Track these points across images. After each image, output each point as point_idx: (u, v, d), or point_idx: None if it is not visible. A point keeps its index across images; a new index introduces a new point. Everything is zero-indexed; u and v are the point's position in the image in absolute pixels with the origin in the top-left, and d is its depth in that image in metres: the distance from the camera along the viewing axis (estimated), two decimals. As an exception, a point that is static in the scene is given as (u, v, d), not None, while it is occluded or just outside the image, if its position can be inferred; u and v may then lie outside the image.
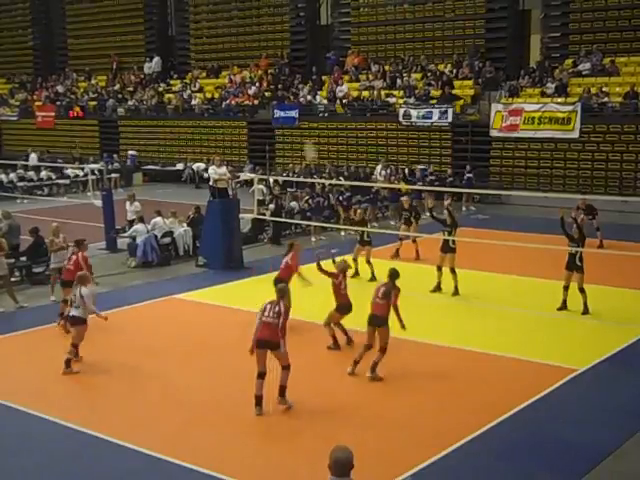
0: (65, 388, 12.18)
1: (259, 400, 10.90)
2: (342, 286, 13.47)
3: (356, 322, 13.43)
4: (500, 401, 11.24)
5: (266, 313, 11.02)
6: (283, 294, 11.33)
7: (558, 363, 12.69)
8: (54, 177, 35.09)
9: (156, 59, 44.53)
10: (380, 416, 10.90)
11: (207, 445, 10.05)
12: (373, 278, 17.44)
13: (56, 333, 14.98)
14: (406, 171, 29.51)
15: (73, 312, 12.81)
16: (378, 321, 11.99)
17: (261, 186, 24.85)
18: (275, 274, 14.96)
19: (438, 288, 16.91)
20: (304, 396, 11.66)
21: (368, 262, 18.15)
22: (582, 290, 15.24)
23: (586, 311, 15.23)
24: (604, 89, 28.75)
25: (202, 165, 35.81)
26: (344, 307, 13.43)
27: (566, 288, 15.41)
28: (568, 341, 13.88)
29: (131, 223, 21.87)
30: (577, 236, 15.23)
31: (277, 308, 10.98)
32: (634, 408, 11.06)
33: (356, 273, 18.00)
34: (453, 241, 16.73)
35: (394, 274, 12.23)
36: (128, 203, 22.75)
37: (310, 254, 14.95)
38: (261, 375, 10.96)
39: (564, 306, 15.54)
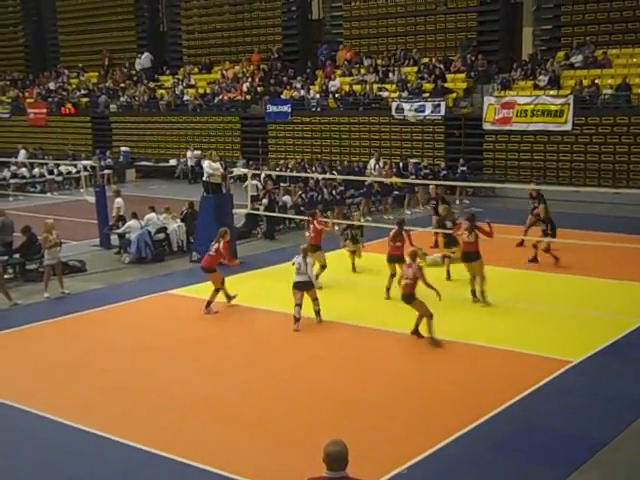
0: (59, 385, 12.15)
1: None
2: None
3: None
4: (496, 393, 11.26)
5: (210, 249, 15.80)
6: (222, 235, 15.83)
7: (553, 355, 12.71)
8: (47, 174, 34.95)
9: (145, 55, 44.30)
10: (376, 409, 10.91)
11: (203, 440, 10.05)
12: None
13: (51, 329, 14.96)
14: (400, 165, 29.50)
15: (299, 278, 14.64)
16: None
17: (255, 181, 24.80)
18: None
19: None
20: (300, 390, 11.68)
21: None
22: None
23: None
24: (596, 81, 28.78)
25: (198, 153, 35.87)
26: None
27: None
28: (562, 333, 13.88)
29: (117, 219, 21.80)
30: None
31: (217, 245, 15.63)
32: (629, 399, 11.09)
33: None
34: None
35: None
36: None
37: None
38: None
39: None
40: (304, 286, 14.61)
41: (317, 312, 14.73)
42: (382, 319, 14.83)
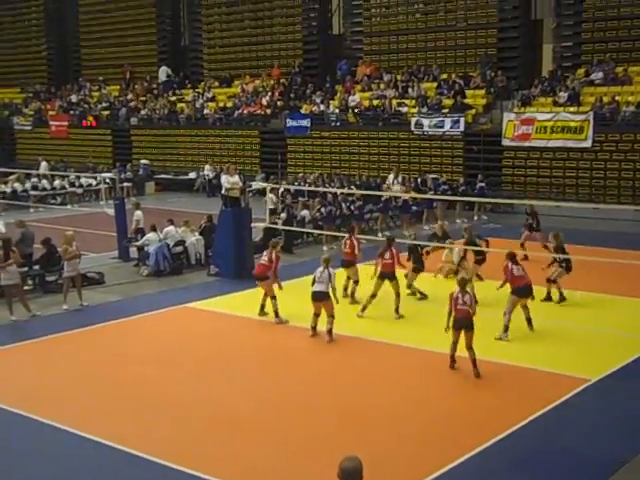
0: (77, 397, 12.20)
1: None
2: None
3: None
4: (513, 410, 11.22)
5: (261, 258, 16.50)
6: (274, 246, 16.52)
7: (571, 373, 12.65)
8: (67, 186, 35.22)
9: (162, 68, 44.60)
10: (392, 424, 10.88)
11: (219, 453, 10.06)
12: None
13: (69, 341, 15.05)
14: (419, 181, 29.48)
15: (317, 287, 14.54)
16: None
17: (271, 195, 24.86)
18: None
19: None
20: (315, 404, 11.67)
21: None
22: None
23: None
24: (616, 98, 28.70)
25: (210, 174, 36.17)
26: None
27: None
28: (581, 351, 13.82)
29: (136, 232, 21.92)
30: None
31: (268, 255, 16.06)
32: (647, 419, 11.01)
33: None
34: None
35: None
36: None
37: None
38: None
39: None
40: (322, 297, 14.48)
41: (329, 331, 14.43)
42: (398, 334, 14.81)
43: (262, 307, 16.19)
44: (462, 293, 12.53)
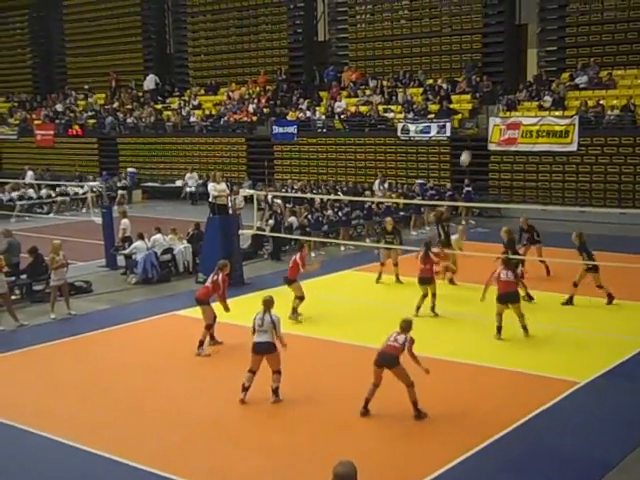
0: (65, 406, 12.14)
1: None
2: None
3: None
4: (502, 414, 11.22)
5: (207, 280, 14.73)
6: (221, 267, 14.54)
7: (559, 376, 12.67)
8: (54, 195, 35.11)
9: (149, 77, 44.61)
10: (382, 429, 10.88)
11: (207, 462, 10.02)
12: None
13: (57, 350, 14.97)
14: (404, 188, 29.53)
15: (259, 338, 11.77)
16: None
17: (278, 200, 25.24)
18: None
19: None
20: (303, 411, 11.65)
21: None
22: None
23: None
24: (601, 102, 28.87)
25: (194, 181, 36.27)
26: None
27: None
28: (568, 354, 13.85)
29: (123, 240, 21.86)
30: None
31: (214, 277, 14.50)
32: (636, 421, 11.03)
33: None
34: None
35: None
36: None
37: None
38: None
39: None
40: (266, 349, 11.78)
41: (274, 390, 11.84)
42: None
43: (212, 336, 14.73)
44: (397, 333, 11.21)
